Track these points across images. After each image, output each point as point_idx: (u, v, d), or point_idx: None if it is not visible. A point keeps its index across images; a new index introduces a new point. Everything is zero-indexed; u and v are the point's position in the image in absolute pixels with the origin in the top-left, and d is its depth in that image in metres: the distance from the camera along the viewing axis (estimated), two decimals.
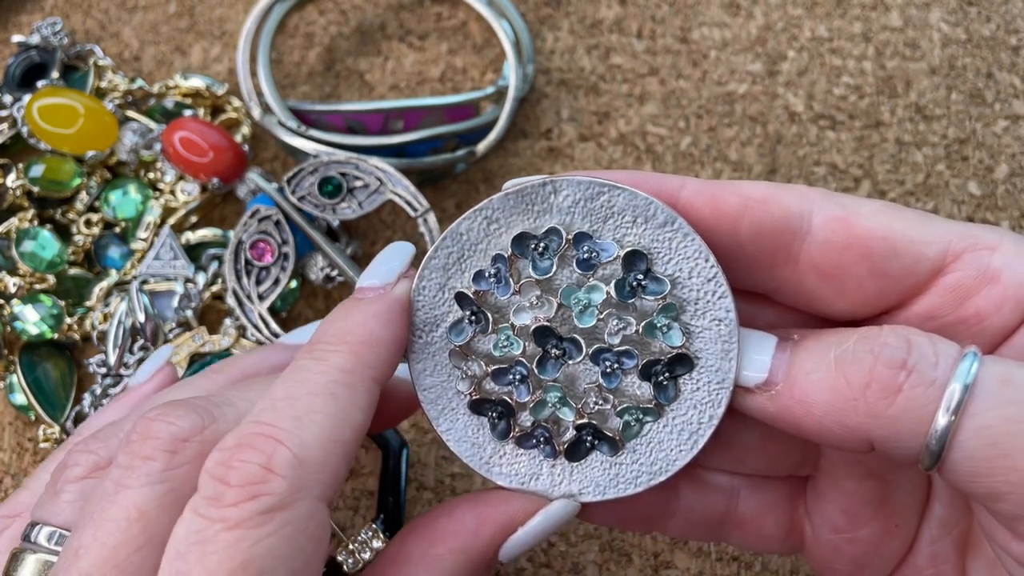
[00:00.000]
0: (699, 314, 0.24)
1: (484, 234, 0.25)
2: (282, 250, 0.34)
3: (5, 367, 0.35)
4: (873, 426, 0.21)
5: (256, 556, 0.20)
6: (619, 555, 0.33)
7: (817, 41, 0.40)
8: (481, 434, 0.25)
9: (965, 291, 0.23)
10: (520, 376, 0.25)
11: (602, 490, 0.25)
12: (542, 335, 0.24)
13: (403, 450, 0.33)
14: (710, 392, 0.24)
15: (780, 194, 0.24)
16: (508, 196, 0.24)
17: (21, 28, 0.41)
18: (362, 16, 0.41)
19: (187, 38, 0.41)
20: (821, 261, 0.23)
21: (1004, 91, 0.39)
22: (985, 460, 0.20)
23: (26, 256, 0.35)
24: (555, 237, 0.24)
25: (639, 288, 0.24)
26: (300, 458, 0.21)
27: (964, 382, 0.20)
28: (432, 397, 0.25)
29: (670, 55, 0.40)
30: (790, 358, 0.22)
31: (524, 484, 0.25)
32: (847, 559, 0.27)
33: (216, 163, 0.35)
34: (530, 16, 0.41)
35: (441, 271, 0.25)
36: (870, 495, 0.26)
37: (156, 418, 0.22)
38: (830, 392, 0.21)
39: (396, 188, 0.34)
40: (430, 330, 0.25)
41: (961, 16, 0.40)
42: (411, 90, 0.40)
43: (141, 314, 0.34)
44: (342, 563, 0.30)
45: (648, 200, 0.24)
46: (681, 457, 0.25)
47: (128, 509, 0.21)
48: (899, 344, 0.21)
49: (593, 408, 0.25)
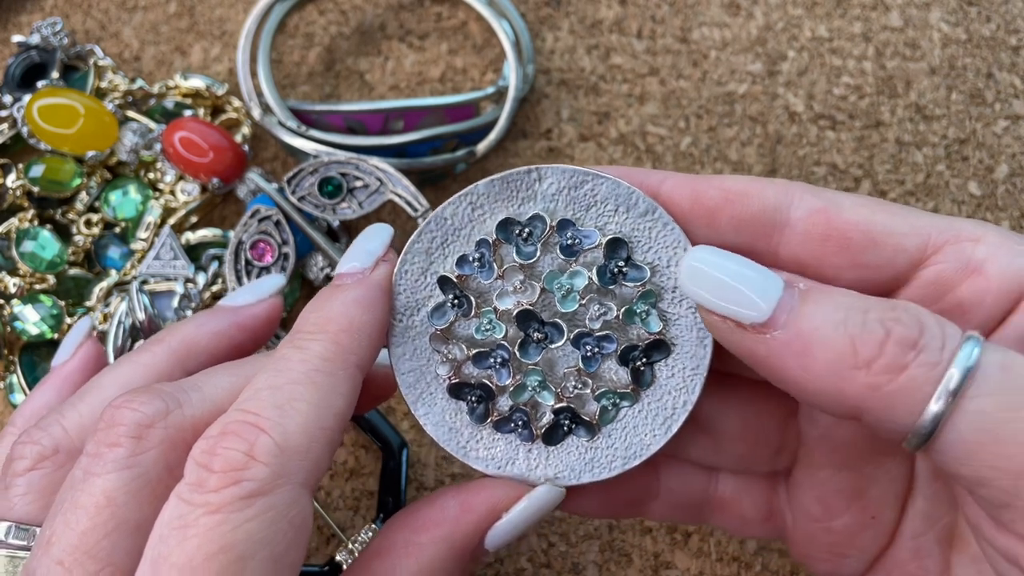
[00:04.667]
0: (676, 302, 0.25)
1: (468, 219, 0.25)
2: (282, 250, 0.34)
3: (5, 367, 0.35)
4: (869, 398, 0.21)
5: (236, 540, 0.20)
6: (619, 555, 0.33)
7: (817, 41, 0.40)
8: (459, 419, 0.26)
9: (946, 283, 0.23)
10: (501, 360, 0.25)
11: (577, 474, 0.25)
12: (525, 319, 0.25)
13: (403, 450, 0.33)
14: (685, 378, 0.25)
15: (760, 188, 0.24)
16: (493, 182, 0.25)
17: (21, 28, 0.41)
18: (362, 16, 0.41)
19: (187, 38, 0.41)
20: (801, 253, 0.24)
21: (1004, 91, 0.39)
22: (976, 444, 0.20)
23: (26, 256, 0.35)
24: (539, 223, 0.25)
25: (620, 275, 0.25)
26: (282, 445, 0.21)
27: (965, 365, 0.20)
28: (411, 381, 0.26)
29: (670, 55, 0.40)
30: (797, 306, 0.22)
31: (500, 469, 0.25)
32: (824, 547, 0.27)
33: (216, 163, 0.35)
34: (530, 16, 0.41)
35: (424, 255, 0.25)
36: (844, 486, 0.26)
37: (121, 405, 0.23)
38: (834, 355, 0.21)
39: (396, 188, 0.34)
40: (411, 314, 0.25)
41: (961, 16, 0.40)
42: (411, 90, 0.40)
43: (141, 314, 0.34)
44: (342, 563, 0.30)
45: (630, 190, 0.25)
46: (655, 442, 0.25)
47: (96, 496, 0.21)
48: (912, 323, 0.21)
49: (572, 392, 0.25)
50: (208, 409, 0.23)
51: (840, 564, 0.27)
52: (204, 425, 0.22)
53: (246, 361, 0.25)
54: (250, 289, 0.29)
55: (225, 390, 0.24)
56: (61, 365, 0.29)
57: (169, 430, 0.22)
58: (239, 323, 0.28)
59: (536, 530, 0.33)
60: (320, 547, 0.33)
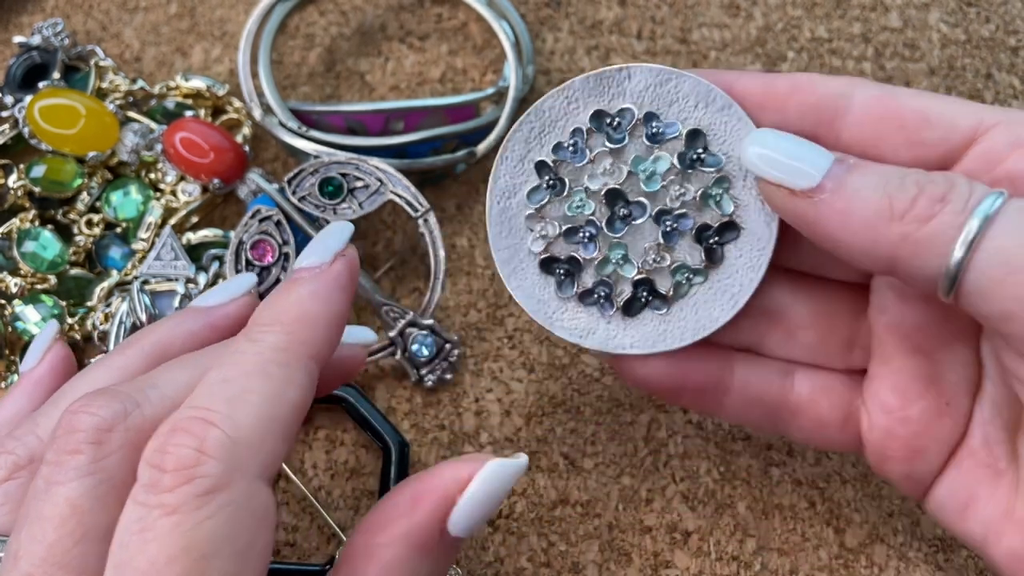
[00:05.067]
0: (747, 189, 0.28)
1: (564, 112, 0.28)
2: (283, 250, 0.34)
3: (7, 367, 0.35)
4: (901, 246, 0.23)
5: (197, 540, 0.20)
6: (619, 554, 0.33)
7: (817, 42, 0.40)
8: (547, 292, 0.29)
9: (996, 156, 0.25)
10: (590, 235, 0.28)
11: (651, 343, 0.28)
12: (612, 197, 0.28)
13: (403, 450, 0.33)
14: (751, 258, 0.28)
15: (824, 79, 0.27)
16: (588, 78, 0.28)
17: (22, 29, 0.41)
18: (362, 17, 0.41)
19: (188, 39, 0.41)
20: (861, 134, 0.26)
21: (1003, 92, 0.39)
22: (998, 280, 0.22)
23: (27, 256, 0.35)
24: (628, 115, 0.28)
25: (698, 161, 0.28)
26: (233, 438, 0.21)
27: (986, 213, 0.22)
28: (506, 257, 0.29)
29: (670, 56, 0.40)
30: (844, 176, 0.24)
31: (582, 338, 0.29)
32: (901, 443, 0.28)
33: (217, 164, 0.35)
34: (530, 17, 0.41)
35: (523, 143, 0.28)
36: (918, 372, 0.27)
37: (78, 410, 0.22)
38: (872, 210, 0.23)
39: (397, 188, 0.34)
40: (508, 196, 0.29)
41: (960, 17, 0.41)
42: (411, 91, 0.40)
43: (142, 314, 0.34)
44: None
45: (709, 87, 0.27)
46: (723, 316, 0.28)
47: (60, 505, 0.21)
48: (943, 182, 0.23)
49: (651, 266, 0.28)
50: (167, 407, 0.23)
51: (916, 461, 0.28)
52: None
53: (202, 353, 0.25)
54: (222, 289, 0.29)
55: (183, 385, 0.23)
56: (30, 371, 0.29)
57: (129, 432, 0.22)
58: (212, 323, 0.27)
59: (536, 529, 0.33)
60: (320, 547, 0.33)
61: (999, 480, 0.27)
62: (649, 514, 0.33)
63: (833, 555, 0.33)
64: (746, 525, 0.33)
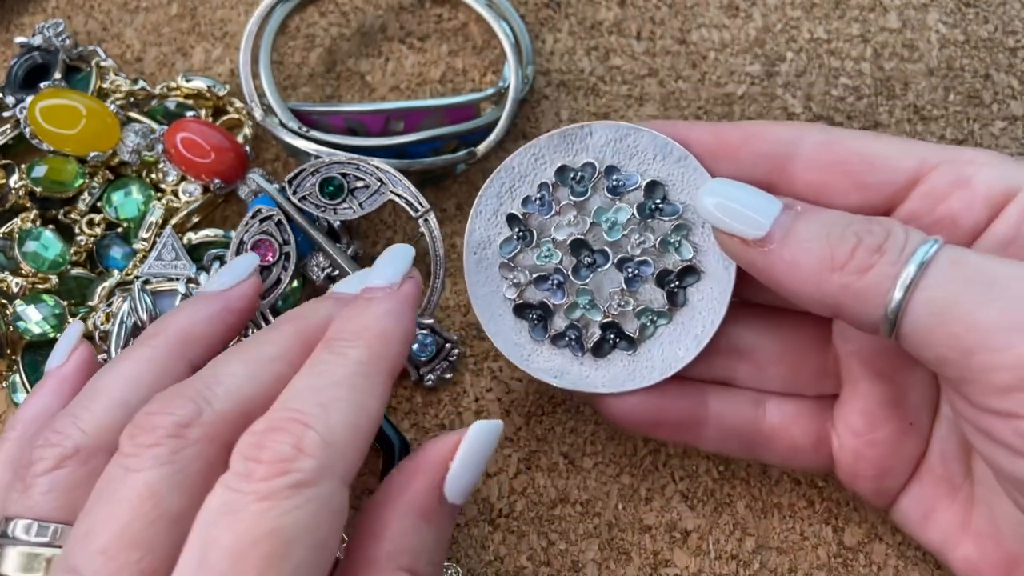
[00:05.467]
0: (705, 234, 0.30)
1: (531, 168, 0.31)
2: (283, 250, 0.34)
3: (8, 367, 0.35)
4: (843, 294, 0.24)
5: (283, 525, 0.21)
6: (619, 553, 0.33)
7: (815, 42, 0.40)
8: (521, 335, 0.31)
9: (939, 195, 0.26)
10: (557, 282, 0.30)
11: (621, 382, 0.30)
12: (577, 247, 0.30)
13: (403, 450, 0.33)
14: (712, 299, 0.29)
15: (774, 126, 0.28)
16: (553, 136, 0.30)
17: (23, 29, 0.41)
18: (363, 17, 0.41)
19: (189, 39, 0.41)
20: (811, 180, 0.27)
21: (1002, 92, 0.39)
22: (931, 328, 0.23)
23: (28, 256, 0.35)
24: (590, 169, 0.30)
25: (657, 211, 0.30)
26: (327, 440, 0.22)
27: (920, 261, 0.23)
28: (483, 304, 0.31)
29: (669, 56, 0.40)
30: (791, 224, 0.26)
31: (556, 378, 0.30)
32: (870, 463, 0.29)
33: (218, 164, 0.35)
34: (530, 18, 0.41)
35: (495, 198, 0.31)
36: (883, 396, 0.28)
37: (156, 412, 0.23)
38: (816, 261, 0.25)
39: (397, 189, 0.34)
40: (483, 248, 0.31)
41: (959, 17, 0.41)
42: (412, 91, 0.40)
43: (144, 314, 0.34)
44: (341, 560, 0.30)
45: (666, 141, 0.29)
46: (688, 355, 0.30)
47: (138, 488, 0.22)
48: (880, 232, 0.25)
49: (616, 310, 0.30)
50: (234, 399, 0.24)
51: (885, 479, 0.29)
52: (232, 417, 0.23)
53: (250, 344, 0.26)
54: (229, 271, 0.30)
55: (243, 378, 0.24)
56: (56, 369, 0.29)
57: (205, 427, 0.23)
58: (228, 305, 0.29)
59: (536, 528, 0.33)
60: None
61: (956, 494, 0.28)
62: (648, 513, 0.33)
63: (832, 554, 0.33)
64: (745, 524, 0.33)
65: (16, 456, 0.26)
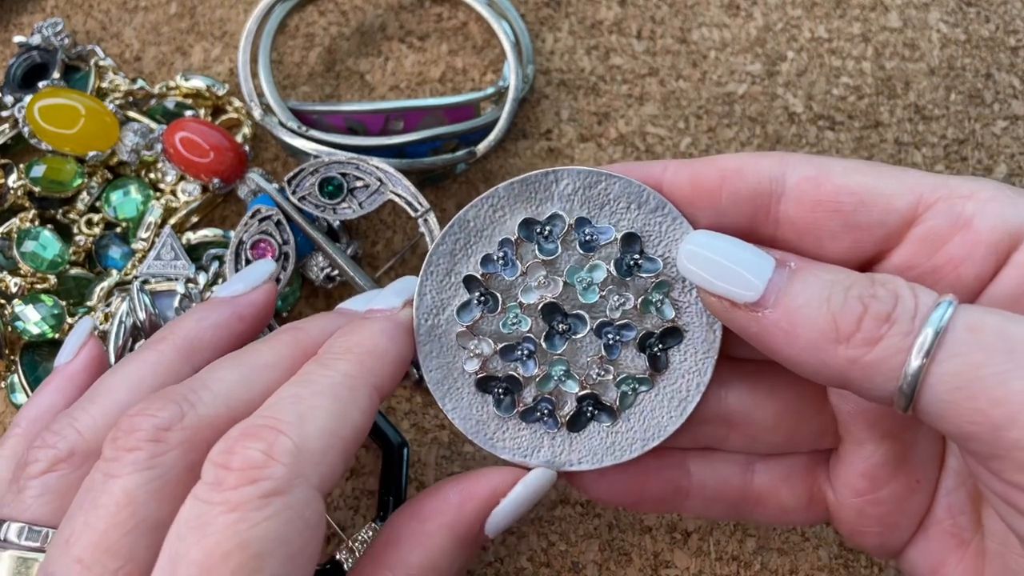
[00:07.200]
0: (687, 291, 0.26)
1: (490, 220, 0.27)
2: (283, 250, 0.34)
3: (7, 367, 0.35)
4: (850, 369, 0.22)
5: (254, 538, 0.20)
6: (619, 554, 0.33)
7: (816, 42, 0.40)
8: (485, 411, 0.27)
9: (937, 239, 0.24)
10: (528, 352, 0.27)
11: (599, 458, 0.27)
12: (549, 312, 0.26)
13: (403, 450, 0.33)
14: (697, 362, 0.26)
15: (754, 162, 0.25)
16: (512, 185, 0.26)
17: (22, 29, 0.41)
18: (362, 17, 0.41)
19: (188, 39, 0.41)
20: (797, 219, 0.24)
21: (1003, 91, 0.39)
22: (953, 403, 0.21)
23: (27, 256, 0.35)
24: (558, 222, 0.26)
25: (635, 267, 0.26)
26: (300, 447, 0.22)
27: (936, 328, 0.21)
28: (438, 378, 0.27)
29: (670, 56, 0.40)
30: (785, 286, 0.23)
31: (527, 457, 0.27)
32: (873, 520, 0.27)
33: (217, 163, 0.35)
34: (530, 17, 0.41)
35: (448, 257, 0.27)
36: (888, 456, 0.26)
37: (137, 413, 0.23)
38: (817, 331, 0.22)
39: (396, 188, 0.34)
40: (436, 313, 0.27)
41: (960, 17, 0.41)
42: (411, 91, 0.40)
43: (142, 314, 0.34)
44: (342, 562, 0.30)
45: (641, 187, 0.26)
46: (672, 423, 0.27)
47: (116, 495, 0.22)
48: (888, 298, 0.22)
49: (595, 379, 0.27)
50: (221, 405, 0.24)
51: (890, 535, 0.27)
52: (219, 422, 0.23)
53: (246, 351, 0.26)
54: (243, 277, 0.29)
55: (233, 383, 0.24)
56: (64, 366, 0.29)
57: (187, 431, 0.23)
58: (238, 312, 0.28)
59: (536, 529, 0.33)
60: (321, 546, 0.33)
61: (965, 548, 0.26)
62: (649, 514, 0.33)
63: (833, 555, 0.33)
64: (746, 525, 0.33)
65: (19, 453, 0.26)
